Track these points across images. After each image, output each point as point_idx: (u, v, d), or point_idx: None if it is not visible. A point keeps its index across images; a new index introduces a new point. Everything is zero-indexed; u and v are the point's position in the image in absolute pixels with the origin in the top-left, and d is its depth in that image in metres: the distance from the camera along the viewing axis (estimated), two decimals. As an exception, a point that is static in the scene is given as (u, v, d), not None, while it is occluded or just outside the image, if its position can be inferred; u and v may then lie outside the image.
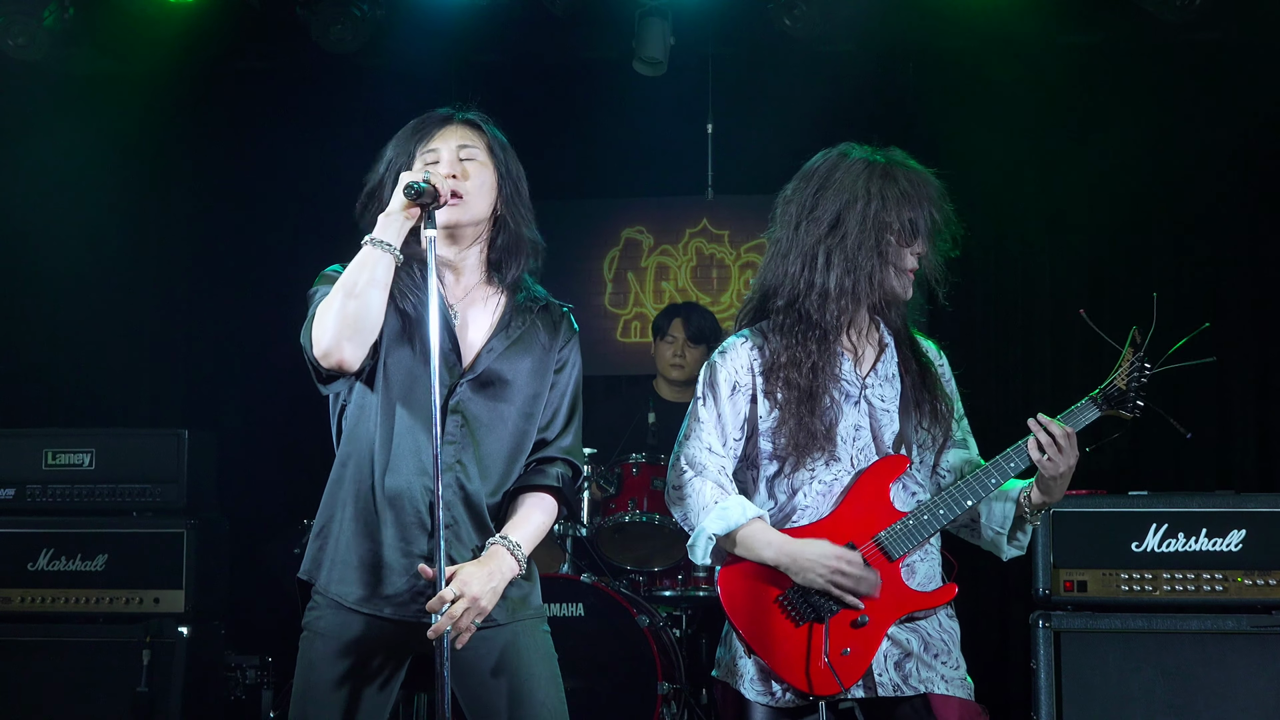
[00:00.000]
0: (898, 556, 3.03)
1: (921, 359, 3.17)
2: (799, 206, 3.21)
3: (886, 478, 3.07)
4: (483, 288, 3.03)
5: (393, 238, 2.82)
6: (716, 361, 3.17)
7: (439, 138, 2.96)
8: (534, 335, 3.02)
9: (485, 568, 2.85)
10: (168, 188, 6.63)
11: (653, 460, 5.45)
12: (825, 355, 3.07)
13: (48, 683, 5.02)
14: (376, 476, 2.90)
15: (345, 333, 2.78)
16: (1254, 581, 4.53)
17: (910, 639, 3.03)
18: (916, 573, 3.08)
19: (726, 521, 3.05)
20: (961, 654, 3.09)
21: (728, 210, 6.87)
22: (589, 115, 6.57)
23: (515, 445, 2.99)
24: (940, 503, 3.05)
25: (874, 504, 3.06)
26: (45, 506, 5.18)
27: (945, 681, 3.01)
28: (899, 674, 3.01)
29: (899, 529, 3.03)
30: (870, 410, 3.10)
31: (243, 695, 5.47)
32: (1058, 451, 2.97)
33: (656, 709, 4.89)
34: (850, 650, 3.01)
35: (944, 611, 3.10)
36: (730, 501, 3.06)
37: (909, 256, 3.07)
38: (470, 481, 2.92)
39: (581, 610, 4.97)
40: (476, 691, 2.92)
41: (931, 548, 3.12)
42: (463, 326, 2.98)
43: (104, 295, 6.52)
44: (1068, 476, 3.01)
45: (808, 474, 3.07)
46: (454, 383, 2.93)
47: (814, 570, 2.99)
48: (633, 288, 6.95)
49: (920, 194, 3.05)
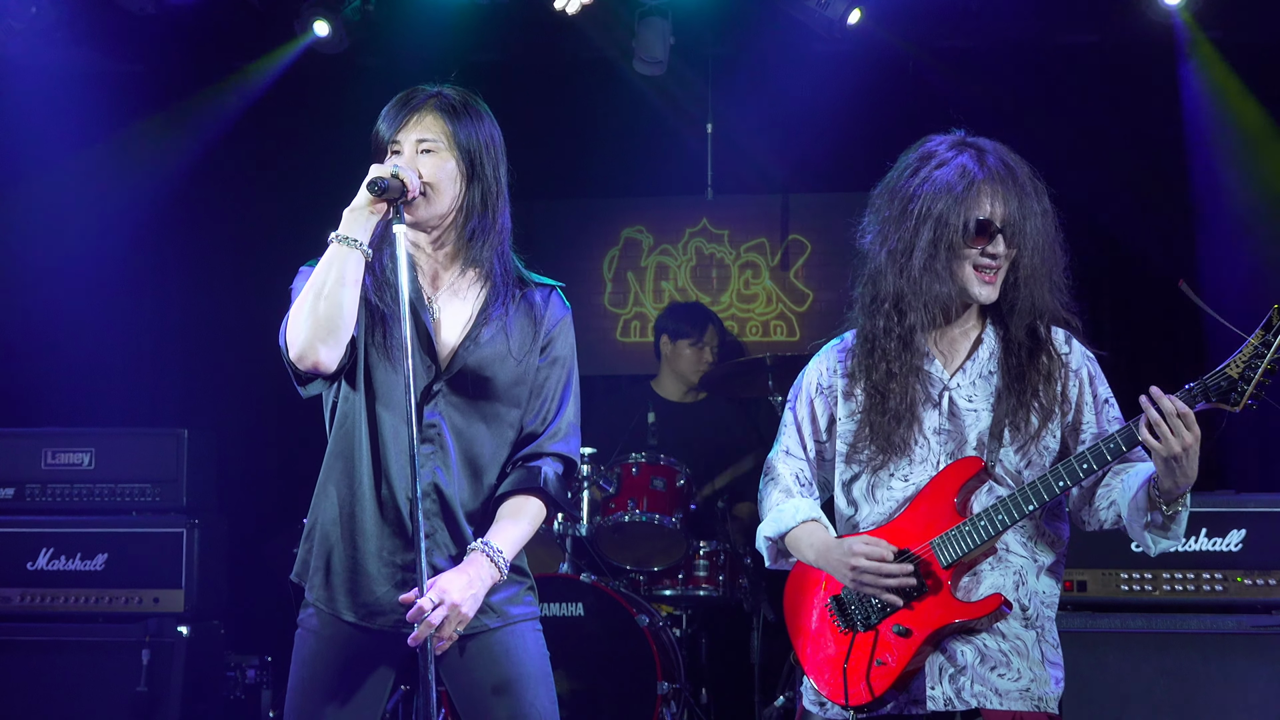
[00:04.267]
0: (949, 563, 2.89)
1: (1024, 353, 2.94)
2: (881, 206, 3.03)
3: (957, 480, 2.92)
4: (460, 278, 2.96)
5: (359, 233, 2.75)
6: (809, 365, 3.16)
7: (404, 129, 2.89)
8: (516, 321, 2.95)
9: (465, 575, 2.80)
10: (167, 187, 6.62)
11: (652, 460, 5.45)
12: (906, 360, 2.95)
13: (47, 682, 5.02)
14: (358, 482, 2.87)
15: (318, 334, 2.72)
16: (1254, 581, 4.53)
17: (965, 651, 2.90)
18: (982, 582, 2.92)
19: (779, 525, 3.06)
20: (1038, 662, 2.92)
21: (727, 210, 6.87)
22: (589, 115, 6.57)
23: (500, 444, 2.94)
24: (1002, 508, 2.86)
25: (938, 508, 2.92)
26: (45, 506, 5.19)
27: (1000, 695, 2.88)
28: (952, 687, 2.89)
29: (953, 534, 2.88)
30: (954, 410, 2.96)
31: (242, 695, 5.46)
32: (1168, 432, 2.69)
33: (656, 709, 4.89)
34: (886, 660, 2.91)
35: (1018, 621, 2.92)
36: (788, 505, 3.06)
37: (980, 256, 2.90)
38: (449, 487, 2.87)
39: (581, 610, 4.97)
40: (468, 692, 2.91)
41: (1010, 555, 2.93)
42: (439, 322, 2.92)
43: (104, 295, 6.51)
44: (1188, 460, 2.71)
45: (886, 476, 2.99)
46: (429, 383, 2.88)
47: (840, 568, 2.94)
48: (632, 287, 6.94)
49: (996, 190, 2.88)
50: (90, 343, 6.49)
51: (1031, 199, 2.90)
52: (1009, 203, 2.88)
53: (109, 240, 6.51)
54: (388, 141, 2.90)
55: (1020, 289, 2.93)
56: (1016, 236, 2.89)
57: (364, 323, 2.87)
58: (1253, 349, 2.73)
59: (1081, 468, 2.81)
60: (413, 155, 2.87)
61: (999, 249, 2.90)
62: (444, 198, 2.88)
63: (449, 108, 2.91)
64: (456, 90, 2.96)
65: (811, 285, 6.84)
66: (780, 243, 6.86)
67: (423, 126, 2.88)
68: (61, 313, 6.50)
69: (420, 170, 2.85)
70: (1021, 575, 2.94)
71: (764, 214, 6.88)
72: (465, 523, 2.90)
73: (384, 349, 2.87)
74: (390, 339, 2.86)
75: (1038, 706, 2.90)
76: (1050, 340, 2.97)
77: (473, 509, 2.92)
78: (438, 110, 2.90)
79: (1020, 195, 2.89)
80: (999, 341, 2.99)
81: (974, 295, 2.93)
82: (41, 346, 6.48)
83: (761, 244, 6.89)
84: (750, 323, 6.88)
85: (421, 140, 2.88)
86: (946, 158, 2.93)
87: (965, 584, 2.92)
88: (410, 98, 2.92)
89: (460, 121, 2.90)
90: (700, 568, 5.48)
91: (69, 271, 6.44)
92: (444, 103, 2.91)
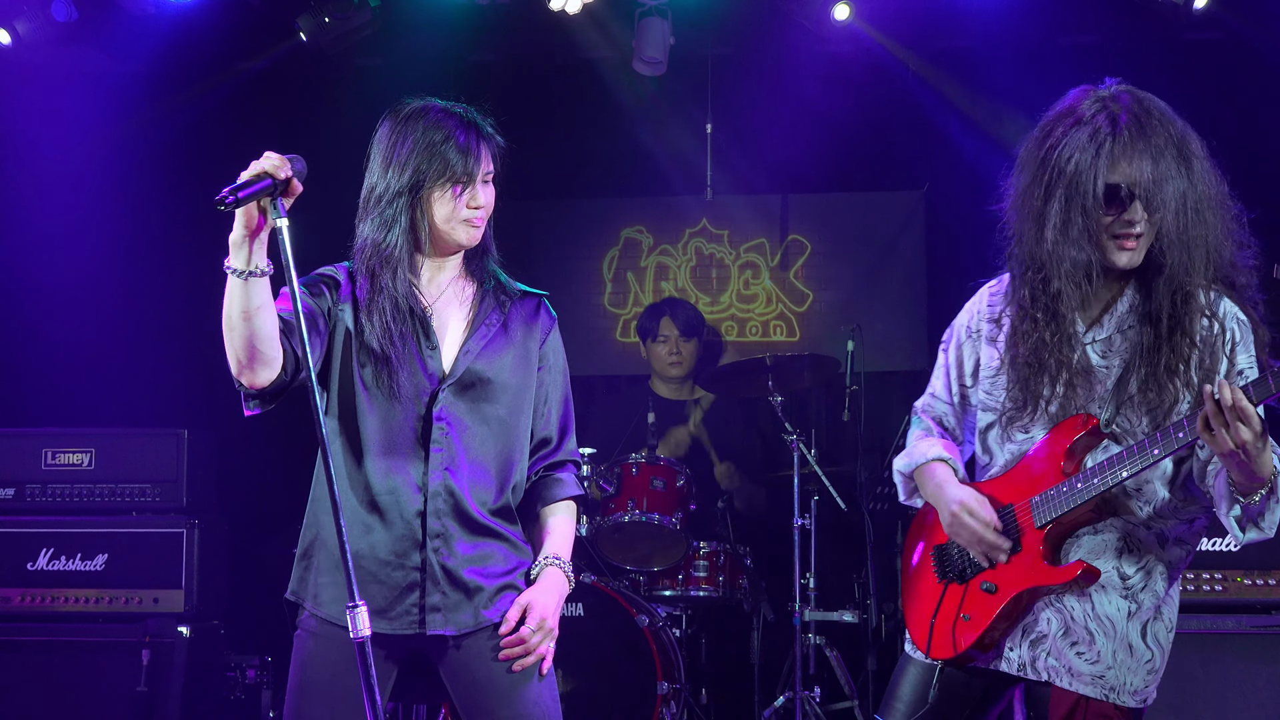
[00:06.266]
0: (1043, 523, 2.81)
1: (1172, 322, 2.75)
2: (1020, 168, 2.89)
3: (1067, 438, 2.82)
4: (455, 285, 3.02)
5: (243, 262, 2.64)
6: (965, 308, 3.09)
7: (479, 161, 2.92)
8: (512, 326, 3.01)
9: (552, 594, 2.96)
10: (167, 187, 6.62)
11: (652, 460, 5.45)
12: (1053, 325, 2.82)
13: (47, 682, 5.02)
14: (358, 492, 2.88)
15: (242, 361, 2.73)
16: (1254, 581, 4.53)
17: (1052, 619, 2.82)
18: (1081, 546, 2.82)
19: (910, 460, 3.07)
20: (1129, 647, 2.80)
21: (727, 210, 6.87)
22: (589, 115, 6.58)
23: (507, 445, 2.97)
24: (1100, 470, 2.74)
25: (1046, 465, 2.84)
26: (45, 506, 5.19)
27: (1072, 675, 2.79)
28: (1030, 653, 2.84)
29: (1051, 494, 2.80)
30: (1086, 365, 2.83)
31: (242, 695, 5.46)
32: (1223, 427, 2.53)
33: (656, 709, 4.89)
34: (971, 616, 2.88)
35: (1116, 591, 2.80)
36: (923, 444, 3.07)
37: (1121, 222, 2.74)
38: (461, 488, 2.90)
39: (581, 610, 4.97)
40: (470, 692, 2.92)
41: (1120, 521, 2.81)
42: (440, 327, 2.96)
43: (104, 295, 6.51)
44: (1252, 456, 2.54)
45: (1018, 429, 2.91)
46: (435, 389, 2.91)
47: (944, 513, 2.94)
48: (632, 287, 6.94)
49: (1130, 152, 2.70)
50: (90, 343, 6.49)
51: (1171, 161, 2.71)
52: (1143, 166, 2.69)
53: (109, 240, 6.51)
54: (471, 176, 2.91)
55: (1166, 255, 2.74)
56: (1155, 200, 2.70)
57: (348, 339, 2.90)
58: None
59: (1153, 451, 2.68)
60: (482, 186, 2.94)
61: (1136, 215, 2.72)
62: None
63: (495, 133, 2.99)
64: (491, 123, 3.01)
65: (811, 285, 6.84)
66: (780, 243, 6.86)
67: (486, 157, 2.95)
68: (62, 313, 6.50)
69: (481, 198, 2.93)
70: (1129, 542, 2.81)
71: (763, 214, 6.88)
72: (484, 518, 2.93)
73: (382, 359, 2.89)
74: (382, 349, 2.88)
75: (1108, 696, 2.78)
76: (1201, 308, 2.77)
77: (495, 507, 2.95)
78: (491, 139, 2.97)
79: (1157, 157, 2.70)
80: (1141, 300, 2.82)
81: (1114, 262, 2.77)
82: (41, 346, 6.48)
83: (761, 244, 6.89)
84: (750, 323, 6.88)
85: (488, 172, 2.96)
86: (1083, 114, 2.78)
87: (1064, 546, 2.83)
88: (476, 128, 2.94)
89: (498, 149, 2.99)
90: (700, 568, 5.48)
91: (69, 272, 6.43)
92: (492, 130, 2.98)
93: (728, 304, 6.87)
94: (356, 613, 2.48)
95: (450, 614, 2.87)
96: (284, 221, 2.60)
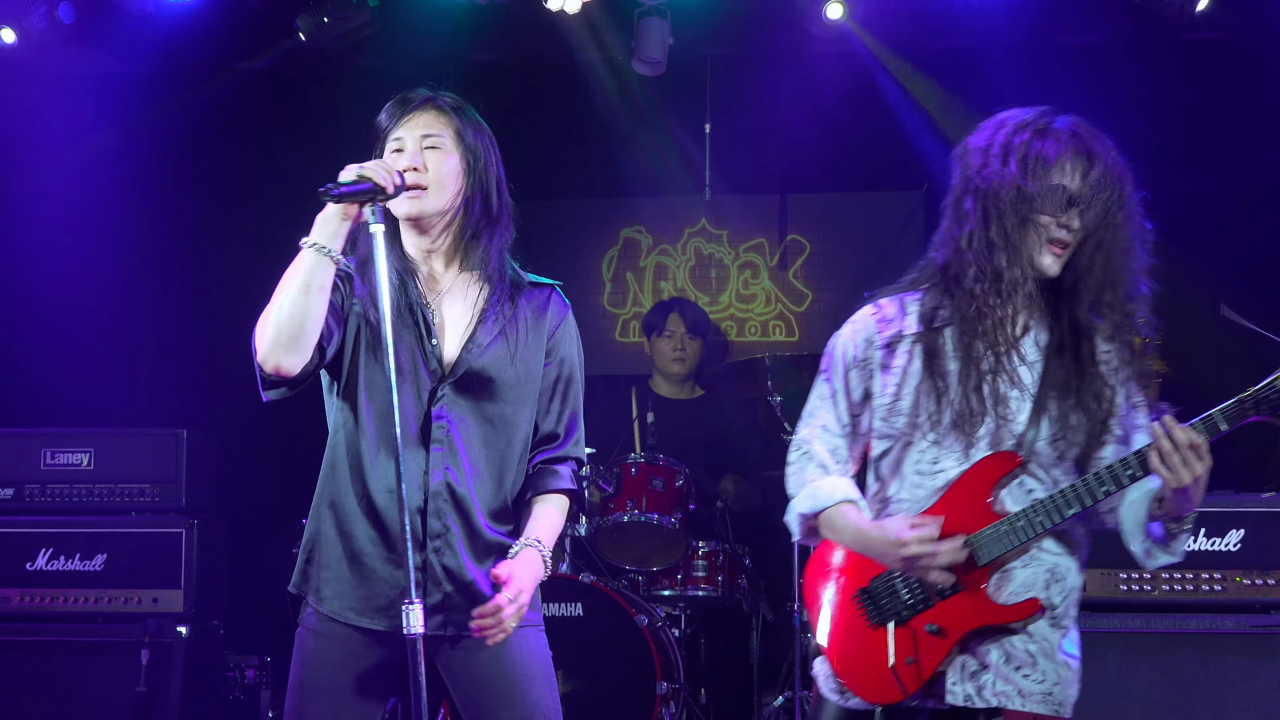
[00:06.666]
0: (985, 562, 2.81)
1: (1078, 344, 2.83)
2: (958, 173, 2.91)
3: (991, 475, 2.82)
4: (460, 278, 2.96)
5: (327, 240, 2.71)
6: (841, 332, 3.00)
7: (405, 125, 2.90)
8: (519, 321, 2.95)
9: (529, 570, 2.84)
10: (167, 187, 6.62)
11: (651, 460, 5.45)
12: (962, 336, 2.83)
13: (47, 682, 5.01)
14: (360, 489, 2.87)
15: (282, 340, 2.69)
16: (1253, 581, 4.53)
17: (991, 651, 2.82)
18: (1013, 580, 2.83)
19: (815, 501, 2.94)
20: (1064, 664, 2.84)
21: (726, 210, 6.87)
22: (589, 115, 6.57)
23: (510, 443, 2.94)
24: (1042, 508, 2.78)
25: (973, 503, 2.83)
26: (44, 506, 5.18)
27: (1023, 696, 2.80)
28: (974, 685, 2.82)
29: (991, 533, 2.79)
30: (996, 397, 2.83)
31: (241, 695, 5.46)
32: (1179, 463, 2.65)
33: (655, 709, 4.88)
34: (915, 659, 2.84)
35: (1047, 620, 2.83)
36: (825, 482, 2.94)
37: (1055, 227, 2.78)
38: (462, 487, 2.87)
39: (580, 610, 4.97)
40: (471, 692, 2.91)
41: (1043, 553, 2.85)
42: (441, 324, 2.92)
43: (104, 295, 6.52)
44: (1198, 488, 2.68)
45: (913, 462, 2.88)
46: (435, 386, 2.88)
47: (888, 554, 2.82)
48: (631, 287, 6.94)
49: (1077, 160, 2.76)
50: (90, 343, 6.49)
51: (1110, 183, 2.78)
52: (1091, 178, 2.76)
53: (109, 240, 6.51)
54: (387, 133, 2.91)
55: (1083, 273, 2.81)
56: (1088, 213, 2.77)
57: (362, 332, 2.88)
58: None
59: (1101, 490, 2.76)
60: (416, 150, 2.88)
61: (1073, 222, 2.78)
62: (447, 193, 2.88)
63: (453, 107, 2.94)
64: (453, 95, 2.98)
65: (810, 285, 6.84)
66: (779, 243, 6.86)
67: (426, 122, 2.90)
68: (62, 313, 6.51)
69: (426, 164, 2.87)
70: (1053, 573, 2.86)
71: (763, 214, 6.88)
72: (484, 520, 2.90)
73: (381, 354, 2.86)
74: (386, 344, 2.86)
75: (1057, 711, 2.83)
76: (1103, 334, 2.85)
77: (494, 507, 2.93)
78: (442, 108, 2.92)
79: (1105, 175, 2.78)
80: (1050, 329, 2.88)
81: (1040, 264, 2.80)
82: (41, 346, 6.48)
83: (760, 244, 6.89)
84: (749, 323, 6.88)
85: (427, 135, 2.89)
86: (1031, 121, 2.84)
87: (996, 581, 2.83)
88: (412, 96, 2.94)
89: (464, 121, 2.93)
90: (699, 568, 5.48)
91: (69, 271, 6.44)
92: (447, 102, 2.94)
93: (727, 304, 6.87)
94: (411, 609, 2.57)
95: (451, 614, 2.86)
96: (379, 227, 2.69)
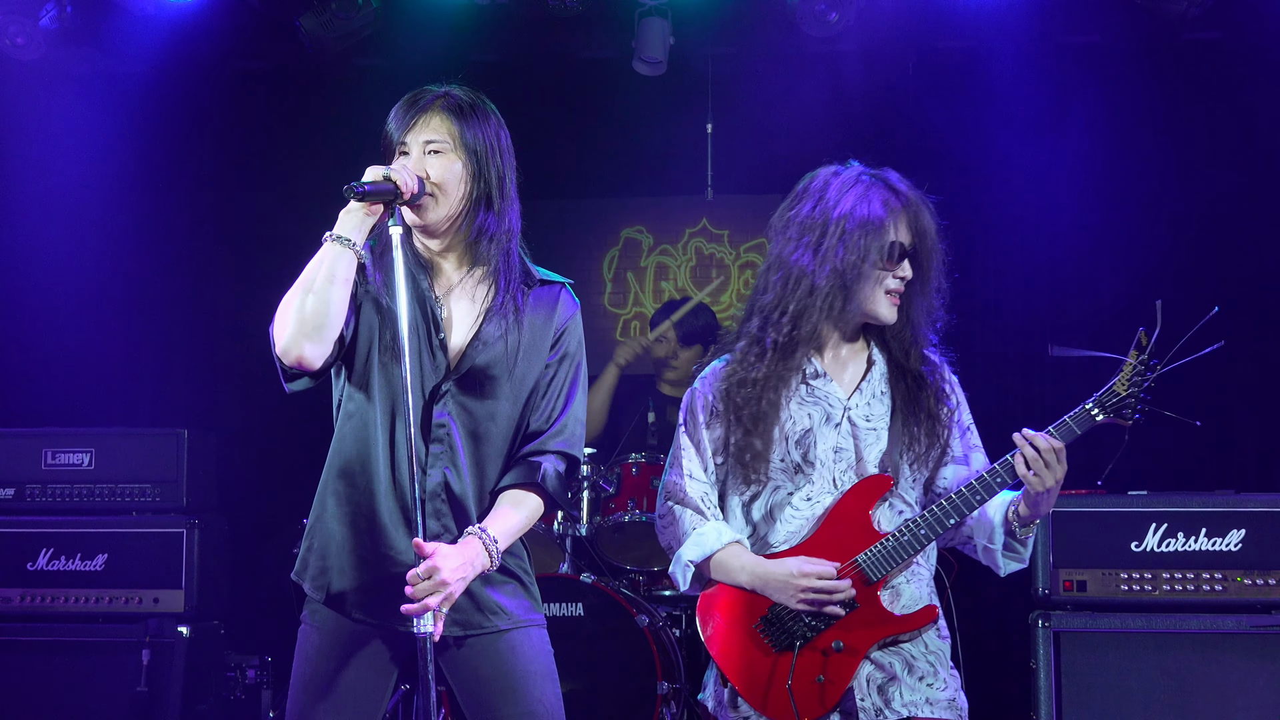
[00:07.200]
0: (877, 579, 2.98)
1: (914, 375, 3.10)
2: (785, 224, 3.19)
3: (869, 499, 3.02)
4: (469, 277, 2.97)
5: (351, 233, 2.76)
6: (696, 387, 3.16)
7: (412, 130, 2.91)
8: (525, 319, 2.95)
9: (460, 556, 2.78)
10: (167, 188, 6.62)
11: (652, 460, 5.45)
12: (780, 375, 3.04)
13: (47, 682, 5.02)
14: (363, 480, 2.87)
15: (304, 331, 2.73)
16: (1254, 581, 4.53)
17: (893, 662, 2.98)
18: (901, 595, 3.03)
19: (702, 548, 3.05)
20: (954, 672, 3.04)
21: (727, 210, 6.88)
22: (589, 115, 6.57)
23: (510, 441, 2.95)
24: (922, 523, 2.98)
25: (854, 526, 3.01)
26: (45, 506, 5.19)
27: (931, 704, 2.96)
28: (881, 698, 2.96)
29: (878, 551, 2.98)
30: (854, 430, 3.05)
31: (242, 695, 5.47)
32: (1044, 467, 2.91)
33: (656, 709, 4.88)
34: (825, 677, 2.96)
35: (932, 631, 3.04)
36: (707, 528, 3.06)
37: (891, 279, 3.04)
38: (458, 484, 2.88)
39: (581, 610, 4.97)
40: (473, 690, 2.92)
41: (920, 568, 3.07)
42: (448, 321, 2.93)
43: (104, 295, 6.52)
44: (1055, 492, 2.95)
45: (785, 497, 3.05)
46: (438, 382, 2.89)
47: (786, 590, 2.97)
48: (632, 287, 6.95)
49: (906, 216, 3.04)
50: (90, 343, 6.49)
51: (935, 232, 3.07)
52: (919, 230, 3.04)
53: (109, 240, 6.52)
54: (396, 142, 2.92)
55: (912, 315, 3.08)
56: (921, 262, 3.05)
57: (373, 323, 2.88)
58: (1132, 368, 2.95)
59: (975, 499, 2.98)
60: (420, 156, 2.89)
61: (906, 273, 3.04)
62: (451, 199, 2.90)
63: (456, 108, 2.92)
64: (464, 90, 2.97)
65: (811, 285, 6.83)
66: (780, 243, 6.85)
67: (430, 128, 2.90)
68: (62, 313, 6.51)
69: (428, 171, 2.87)
70: (932, 586, 3.09)
71: (764, 214, 6.75)
72: (476, 519, 2.90)
73: (392, 349, 2.87)
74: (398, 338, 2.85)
75: (960, 716, 3.01)
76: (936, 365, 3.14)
77: (487, 505, 2.93)
78: (445, 111, 2.91)
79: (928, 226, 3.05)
80: (887, 364, 3.12)
81: (881, 316, 3.06)
82: (41, 346, 6.48)
83: (761, 244, 6.85)
84: (750, 323, 6.87)
85: (429, 141, 2.90)
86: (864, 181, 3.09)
87: (887, 598, 3.01)
88: (417, 99, 2.93)
89: (467, 122, 2.92)
90: (700, 568, 5.47)
91: (69, 272, 6.44)
92: (451, 103, 2.92)
93: (728, 304, 6.87)
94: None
95: (451, 613, 2.86)
96: (397, 230, 2.77)
